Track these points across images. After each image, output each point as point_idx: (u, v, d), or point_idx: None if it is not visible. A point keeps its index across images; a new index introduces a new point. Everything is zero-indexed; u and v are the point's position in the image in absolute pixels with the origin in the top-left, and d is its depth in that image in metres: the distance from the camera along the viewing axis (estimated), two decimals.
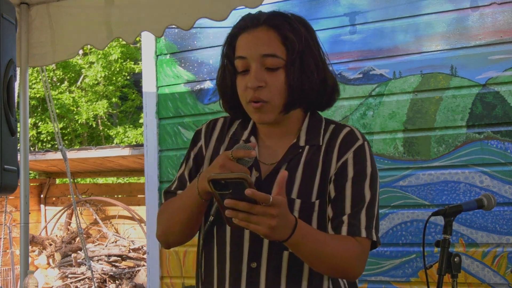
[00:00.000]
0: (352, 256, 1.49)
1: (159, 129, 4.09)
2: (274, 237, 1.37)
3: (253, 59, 1.51)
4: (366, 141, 1.59)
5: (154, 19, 3.08)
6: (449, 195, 3.32)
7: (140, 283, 8.12)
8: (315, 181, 1.53)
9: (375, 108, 3.51)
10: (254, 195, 1.28)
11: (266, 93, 1.51)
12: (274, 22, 1.53)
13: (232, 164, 1.47)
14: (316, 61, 1.55)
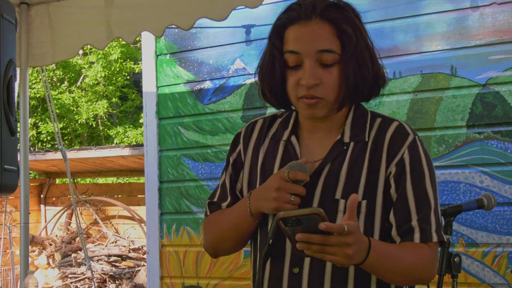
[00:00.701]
0: (427, 264, 1.44)
1: (159, 129, 4.09)
2: (351, 263, 1.32)
3: (307, 55, 1.43)
4: (417, 135, 1.49)
5: (154, 19, 3.08)
6: (449, 195, 3.32)
7: (140, 283, 8.12)
8: (361, 180, 1.45)
9: (375, 108, 3.50)
10: (328, 229, 1.23)
11: (320, 90, 1.43)
12: (330, 14, 1.43)
13: (289, 186, 1.42)
14: (371, 54, 1.47)
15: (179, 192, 4.03)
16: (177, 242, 4.01)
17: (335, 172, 1.46)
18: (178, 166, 4.05)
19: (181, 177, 4.03)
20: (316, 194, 1.46)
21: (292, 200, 1.42)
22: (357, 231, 1.29)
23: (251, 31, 3.76)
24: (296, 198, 1.43)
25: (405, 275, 1.42)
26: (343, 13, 1.45)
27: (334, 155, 1.48)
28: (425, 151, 1.48)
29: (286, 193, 1.42)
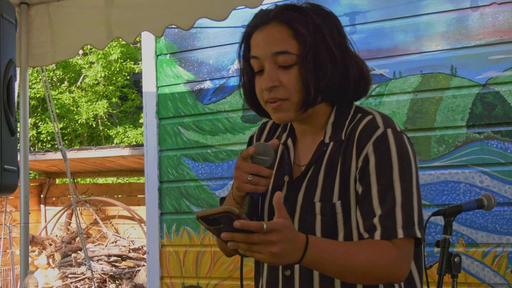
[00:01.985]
0: (387, 262, 1.36)
1: (159, 129, 4.09)
2: (282, 262, 1.29)
3: (265, 59, 1.44)
4: (390, 128, 1.42)
5: (154, 19, 3.08)
6: (449, 195, 3.32)
7: (140, 283, 8.12)
8: (335, 181, 1.43)
9: (375, 108, 3.50)
10: (243, 227, 1.21)
11: (281, 92, 1.44)
12: (284, 16, 1.45)
13: (244, 164, 1.42)
14: (332, 52, 1.44)
15: (179, 192, 4.04)
16: (177, 242, 4.02)
17: (315, 175, 1.46)
18: (178, 166, 4.05)
19: (181, 177, 4.03)
20: (299, 197, 1.47)
21: (250, 179, 1.41)
22: (286, 229, 1.25)
23: None
24: (254, 177, 1.42)
25: (361, 273, 1.36)
26: (300, 14, 1.45)
27: (316, 157, 1.48)
28: (398, 144, 1.41)
29: (243, 172, 1.42)
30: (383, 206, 1.38)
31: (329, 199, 1.43)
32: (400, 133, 1.44)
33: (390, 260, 1.37)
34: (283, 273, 1.48)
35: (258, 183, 1.42)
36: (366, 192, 1.40)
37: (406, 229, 1.37)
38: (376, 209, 1.38)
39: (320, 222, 1.43)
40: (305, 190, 1.46)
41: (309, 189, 1.46)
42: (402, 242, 1.37)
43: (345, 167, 1.43)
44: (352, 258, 1.34)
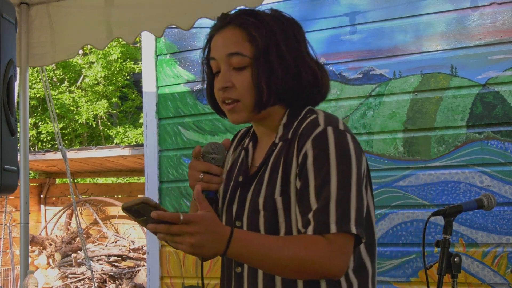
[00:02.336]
0: (318, 256, 1.36)
1: (159, 129, 4.09)
2: (204, 254, 1.33)
3: (221, 60, 1.51)
4: (330, 126, 1.45)
5: (154, 19, 3.08)
6: (449, 195, 3.32)
7: (140, 283, 8.12)
8: (277, 178, 1.47)
9: (375, 108, 3.51)
10: (159, 217, 1.26)
11: (234, 93, 1.50)
12: (240, 20, 1.52)
13: (195, 163, 1.48)
14: (283, 57, 1.49)
15: (179, 192, 4.04)
16: None
17: (263, 174, 1.52)
18: (178, 166, 4.05)
19: (181, 177, 4.03)
20: (248, 195, 1.52)
21: (201, 177, 1.46)
22: (205, 221, 1.29)
23: None
24: (205, 175, 1.46)
25: (289, 267, 1.37)
26: (256, 18, 1.52)
27: (266, 157, 1.54)
28: (338, 141, 1.43)
29: (195, 171, 1.47)
30: (319, 201, 1.40)
31: (271, 195, 1.47)
32: (343, 131, 1.46)
33: (319, 254, 1.37)
34: (234, 270, 1.53)
35: (210, 180, 1.47)
36: (303, 188, 1.43)
37: (339, 224, 1.38)
38: (313, 204, 1.40)
39: (263, 218, 1.47)
40: (254, 189, 1.52)
41: (256, 188, 1.51)
42: (335, 237, 1.38)
43: (287, 164, 1.47)
44: (277, 252, 1.36)
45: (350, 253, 1.42)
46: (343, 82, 3.58)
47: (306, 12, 3.70)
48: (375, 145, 3.50)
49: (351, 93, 3.56)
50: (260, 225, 1.47)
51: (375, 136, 3.51)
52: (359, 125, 3.53)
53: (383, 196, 3.45)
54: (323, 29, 3.63)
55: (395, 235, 3.42)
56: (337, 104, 3.60)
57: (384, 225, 3.44)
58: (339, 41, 3.61)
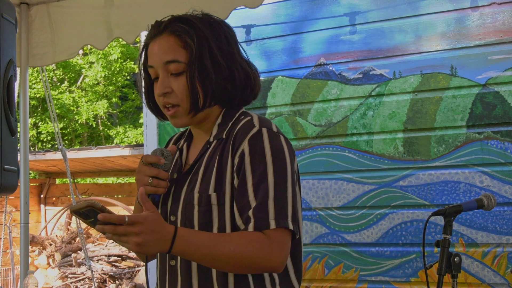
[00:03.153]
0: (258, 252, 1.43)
1: (159, 129, 4.09)
2: (150, 252, 1.39)
3: (159, 67, 1.56)
4: (265, 127, 1.53)
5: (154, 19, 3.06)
6: (449, 195, 3.32)
7: (140, 283, 8.12)
8: (212, 174, 1.53)
9: (375, 108, 3.51)
10: (106, 219, 1.33)
11: (173, 98, 1.56)
12: (174, 27, 1.58)
13: (145, 168, 1.54)
14: (216, 60, 1.56)
15: None
16: None
17: (198, 170, 1.58)
18: None
19: None
20: (183, 191, 1.58)
21: (150, 182, 1.54)
22: (149, 222, 1.36)
23: (251, 31, 3.76)
24: (154, 180, 1.54)
25: (230, 263, 1.44)
26: (189, 25, 1.59)
27: (200, 155, 1.60)
28: (272, 142, 1.51)
29: (144, 175, 1.55)
30: (257, 199, 1.47)
31: (206, 191, 1.53)
32: (276, 133, 1.54)
33: (260, 249, 1.44)
34: (168, 263, 1.58)
35: (158, 185, 1.55)
36: (241, 186, 1.49)
37: (278, 220, 1.45)
38: (252, 202, 1.47)
39: (197, 213, 1.52)
40: (188, 184, 1.58)
41: (191, 183, 1.57)
42: (274, 233, 1.45)
43: (222, 162, 1.54)
44: (218, 248, 1.43)
45: (288, 247, 1.49)
46: (343, 82, 3.58)
47: (306, 12, 3.70)
48: (375, 145, 3.50)
49: (351, 93, 3.56)
50: (194, 219, 1.53)
51: (375, 136, 3.51)
52: (359, 125, 3.53)
53: (383, 196, 3.45)
54: (323, 29, 3.63)
55: (395, 235, 3.42)
56: (337, 104, 3.60)
57: (384, 225, 3.44)
58: (339, 41, 3.61)
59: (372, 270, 3.43)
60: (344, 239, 3.52)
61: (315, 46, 3.65)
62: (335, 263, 3.53)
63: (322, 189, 3.57)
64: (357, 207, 3.52)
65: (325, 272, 3.56)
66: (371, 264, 3.43)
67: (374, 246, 3.45)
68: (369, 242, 3.46)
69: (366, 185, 3.50)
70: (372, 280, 3.43)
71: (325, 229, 3.57)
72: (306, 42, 3.69)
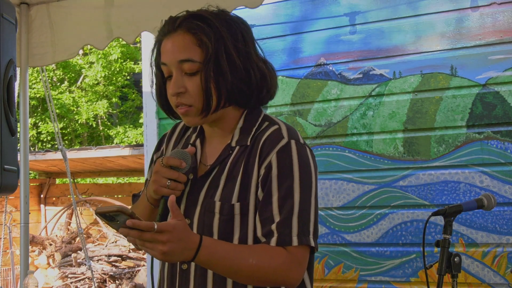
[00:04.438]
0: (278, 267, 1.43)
1: (159, 129, 4.09)
2: (174, 260, 1.38)
3: (172, 66, 1.51)
4: (293, 139, 1.50)
5: (154, 19, 3.06)
6: (449, 195, 3.32)
7: (140, 283, 8.12)
8: (236, 183, 1.50)
9: (375, 108, 3.51)
10: (134, 225, 1.30)
11: (187, 98, 1.51)
12: (189, 25, 1.52)
13: (164, 170, 1.50)
14: (232, 60, 1.51)
15: None
16: None
17: (218, 175, 1.53)
18: None
19: None
20: (201, 195, 1.54)
21: (168, 184, 1.50)
22: (177, 230, 1.34)
23: None
24: (173, 183, 1.50)
25: (251, 276, 1.44)
26: (205, 23, 1.52)
27: (221, 159, 1.55)
28: (300, 156, 1.49)
29: (162, 177, 1.50)
30: (281, 214, 1.45)
31: (229, 200, 1.50)
32: (303, 145, 1.51)
33: (281, 265, 1.43)
34: (180, 266, 1.55)
35: (176, 188, 1.51)
36: (266, 199, 1.47)
37: (300, 237, 1.45)
38: (275, 216, 1.45)
39: (218, 221, 1.49)
40: (207, 189, 1.53)
41: (211, 188, 1.53)
42: (296, 249, 1.45)
43: (247, 171, 1.50)
44: (242, 261, 1.42)
45: (306, 264, 1.49)
46: (343, 82, 3.58)
47: (306, 12, 3.70)
48: (375, 145, 3.50)
49: (351, 93, 3.56)
50: (214, 227, 1.50)
51: (375, 136, 3.51)
52: (359, 125, 3.53)
53: (383, 196, 3.45)
54: (323, 29, 3.63)
55: (395, 235, 3.42)
56: (337, 104, 3.60)
57: (384, 225, 3.44)
58: (339, 41, 3.61)
59: (372, 270, 3.43)
60: (344, 239, 3.52)
61: (315, 46, 3.65)
62: (335, 263, 3.53)
63: (322, 189, 3.57)
64: (357, 207, 3.52)
65: (325, 272, 3.56)
66: (371, 264, 3.43)
67: (374, 246, 3.45)
68: (369, 242, 3.46)
69: (366, 185, 3.50)
70: (372, 280, 3.43)
71: (325, 229, 3.57)
72: (306, 42, 3.69)
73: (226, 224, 1.49)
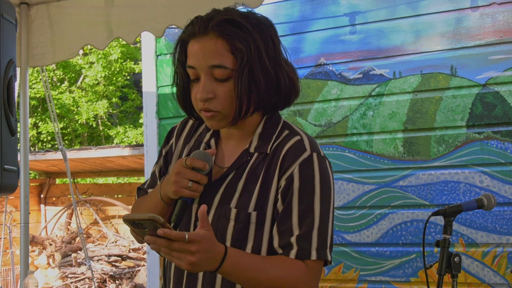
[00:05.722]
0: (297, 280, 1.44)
1: (159, 129, 4.09)
2: (199, 270, 1.37)
3: (201, 70, 1.46)
4: (315, 152, 1.48)
5: (154, 19, 3.08)
6: (449, 195, 3.32)
7: (140, 283, 8.12)
8: (254, 191, 1.48)
9: (375, 108, 3.51)
10: (166, 235, 1.27)
11: (215, 104, 1.47)
12: (223, 29, 1.45)
13: (187, 171, 1.47)
14: (266, 67, 1.47)
15: None
16: None
17: (235, 181, 1.51)
18: None
19: None
20: (216, 199, 1.51)
21: (190, 186, 1.47)
22: (205, 240, 1.32)
23: None
24: (194, 184, 1.47)
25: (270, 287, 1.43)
26: (239, 28, 1.46)
27: (239, 164, 1.52)
28: (321, 170, 1.47)
29: (184, 178, 1.47)
30: (302, 227, 1.44)
31: (245, 208, 1.48)
32: (324, 158, 1.50)
33: (300, 278, 1.44)
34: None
35: (196, 190, 1.48)
36: (286, 211, 1.45)
37: (319, 251, 1.45)
38: (295, 229, 1.44)
39: (232, 228, 1.48)
40: (222, 194, 1.51)
41: (227, 194, 1.51)
42: (313, 263, 1.45)
43: (266, 181, 1.48)
44: (264, 273, 1.41)
45: (320, 276, 1.50)
46: (343, 82, 3.58)
47: (306, 12, 3.70)
48: (375, 145, 3.50)
49: (351, 93, 3.56)
50: (227, 234, 1.48)
51: (375, 136, 3.51)
52: (359, 125, 3.53)
53: (383, 196, 3.45)
54: (323, 29, 3.63)
55: (395, 235, 3.42)
56: (337, 104, 3.60)
57: (384, 225, 3.44)
58: (339, 41, 3.61)
59: (372, 270, 3.43)
60: (344, 239, 3.52)
61: (315, 46, 3.65)
62: (335, 263, 3.53)
63: None
64: (357, 207, 3.52)
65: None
66: (371, 264, 3.43)
67: (374, 246, 3.45)
68: (369, 242, 3.46)
69: (366, 185, 3.50)
70: (372, 280, 3.43)
71: None
72: (306, 42, 3.69)
73: (240, 232, 1.47)
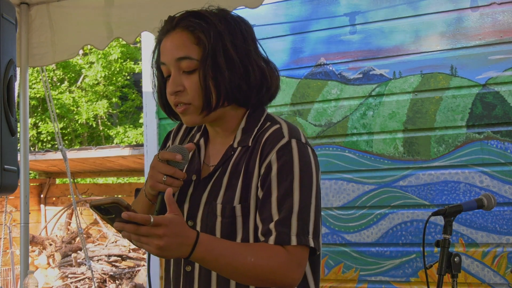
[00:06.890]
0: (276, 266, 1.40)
1: (159, 129, 4.09)
2: (170, 256, 1.37)
3: (171, 64, 1.50)
4: (294, 138, 1.48)
5: (154, 19, 3.05)
6: (449, 195, 3.32)
7: (140, 283, 8.12)
8: (238, 185, 1.48)
9: (375, 108, 3.51)
10: (130, 218, 1.27)
11: (185, 96, 1.49)
12: (188, 22, 1.50)
13: (160, 165, 1.48)
14: (231, 57, 1.49)
15: None
16: None
17: (220, 177, 1.52)
18: None
19: None
20: (203, 197, 1.52)
21: (164, 180, 1.47)
22: (173, 224, 1.31)
23: None
24: (169, 178, 1.48)
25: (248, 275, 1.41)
26: (203, 20, 1.50)
27: (224, 160, 1.54)
28: (301, 155, 1.46)
29: (158, 172, 1.48)
30: (280, 213, 1.43)
31: (230, 202, 1.48)
32: (305, 144, 1.49)
33: (279, 264, 1.41)
34: (184, 268, 1.53)
35: (172, 184, 1.48)
36: (266, 198, 1.45)
37: (299, 237, 1.42)
38: (274, 215, 1.43)
39: (220, 223, 1.48)
40: (209, 191, 1.52)
41: (213, 190, 1.51)
42: (294, 249, 1.42)
43: (248, 172, 1.49)
44: (239, 258, 1.39)
45: (305, 264, 1.47)
46: (343, 82, 3.58)
47: (306, 12, 3.70)
48: (375, 145, 3.50)
49: (351, 93, 3.56)
50: (216, 229, 1.48)
51: (375, 136, 3.51)
52: (359, 125, 3.53)
53: (383, 196, 3.45)
54: (323, 29, 3.64)
55: (395, 235, 3.42)
56: (337, 104, 3.60)
57: (384, 225, 3.44)
58: (339, 41, 3.61)
59: (372, 270, 3.43)
60: (344, 239, 3.52)
61: (315, 46, 3.65)
62: (335, 263, 3.53)
63: (322, 189, 3.56)
64: (357, 207, 3.52)
65: (325, 272, 3.56)
66: (371, 264, 3.43)
67: (374, 246, 3.45)
68: (369, 242, 3.46)
69: (366, 185, 3.50)
70: (372, 280, 3.43)
71: (325, 229, 3.57)
72: (306, 42, 3.69)
73: (228, 226, 1.47)
